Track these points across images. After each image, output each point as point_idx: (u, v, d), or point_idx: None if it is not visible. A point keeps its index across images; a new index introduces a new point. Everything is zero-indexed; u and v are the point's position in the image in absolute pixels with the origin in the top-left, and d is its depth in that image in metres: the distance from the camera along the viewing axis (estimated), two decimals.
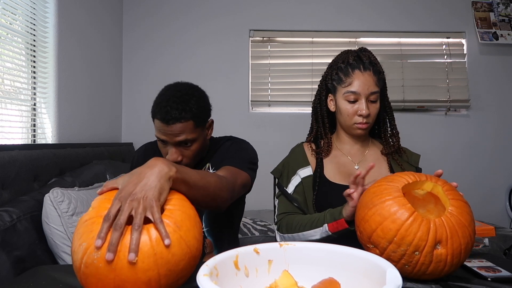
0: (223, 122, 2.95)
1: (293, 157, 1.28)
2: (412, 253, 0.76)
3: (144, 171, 0.73)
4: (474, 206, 3.08)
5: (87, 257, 0.65)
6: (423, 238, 0.75)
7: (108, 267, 0.63)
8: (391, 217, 0.79)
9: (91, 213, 0.72)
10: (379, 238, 0.79)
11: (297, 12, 2.98)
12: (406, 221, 0.77)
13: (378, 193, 0.84)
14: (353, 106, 1.17)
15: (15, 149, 1.47)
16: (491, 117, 2.98)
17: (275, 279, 0.71)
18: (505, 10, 3.04)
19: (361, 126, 1.17)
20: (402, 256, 0.76)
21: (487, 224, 2.24)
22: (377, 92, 1.18)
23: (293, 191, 1.22)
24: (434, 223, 0.77)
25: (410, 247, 0.75)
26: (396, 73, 2.93)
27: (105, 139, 2.54)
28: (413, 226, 0.76)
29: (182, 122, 1.08)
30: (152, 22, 2.96)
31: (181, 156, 1.13)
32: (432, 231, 0.76)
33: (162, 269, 0.66)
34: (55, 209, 1.37)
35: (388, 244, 0.78)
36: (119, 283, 0.64)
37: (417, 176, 0.87)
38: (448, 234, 0.76)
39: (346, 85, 1.18)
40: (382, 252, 0.79)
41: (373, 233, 0.80)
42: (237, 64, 2.96)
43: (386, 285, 0.55)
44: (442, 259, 0.76)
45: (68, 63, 2.05)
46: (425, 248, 0.75)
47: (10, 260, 1.19)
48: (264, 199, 2.67)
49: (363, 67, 1.18)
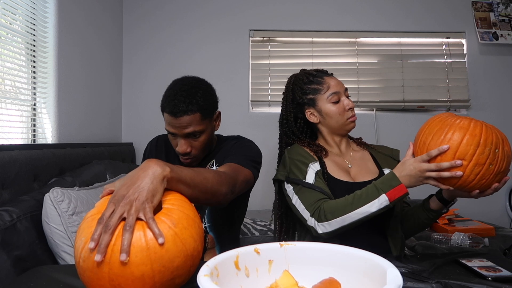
0: (223, 122, 2.93)
1: (296, 156, 1.24)
2: (495, 150, 0.93)
3: (137, 173, 0.74)
4: (474, 206, 3.08)
5: (85, 251, 0.67)
6: (498, 136, 0.94)
7: (102, 261, 0.65)
8: (470, 128, 0.94)
9: (94, 211, 0.74)
10: (468, 146, 0.93)
11: (297, 12, 2.98)
12: (482, 127, 0.94)
13: (443, 119, 1.00)
14: (339, 106, 1.27)
15: (15, 149, 1.47)
16: (491, 117, 2.97)
17: (276, 279, 0.71)
18: (505, 10, 3.04)
19: (353, 119, 1.28)
20: (488, 155, 0.92)
21: (487, 224, 2.24)
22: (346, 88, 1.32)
23: (314, 180, 1.16)
24: (492, 128, 0.97)
25: (493, 145, 0.92)
26: (396, 73, 2.93)
27: (105, 139, 2.54)
28: (488, 130, 0.94)
29: (189, 114, 1.12)
30: (152, 22, 2.96)
31: (190, 147, 1.17)
32: (494, 133, 0.95)
33: (155, 264, 0.66)
34: (55, 208, 1.37)
35: (476, 148, 0.92)
36: (113, 277, 0.66)
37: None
38: (500, 139, 0.95)
39: (325, 90, 1.28)
40: (471, 159, 0.92)
41: (459, 146, 0.93)
42: (237, 64, 2.96)
43: (387, 285, 0.55)
44: (507, 155, 0.95)
45: (68, 63, 2.05)
46: (500, 145, 0.94)
47: (10, 260, 1.19)
48: (264, 199, 2.67)
49: (326, 73, 1.34)
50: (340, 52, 3.00)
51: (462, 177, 0.94)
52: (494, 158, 0.92)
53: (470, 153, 0.93)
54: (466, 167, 0.93)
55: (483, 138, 0.93)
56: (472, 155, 0.92)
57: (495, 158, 0.92)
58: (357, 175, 1.26)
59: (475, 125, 0.95)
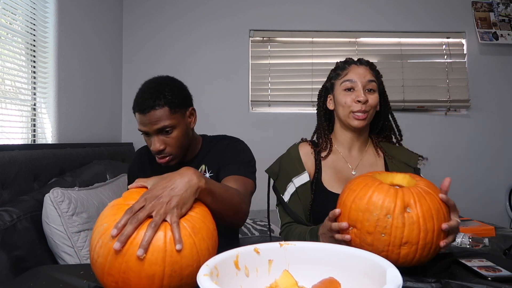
0: (223, 122, 2.96)
1: (288, 162, 1.24)
2: (385, 216, 0.78)
3: (174, 177, 0.77)
4: (474, 206, 3.08)
5: (104, 237, 0.68)
6: (391, 201, 0.79)
7: (119, 251, 0.66)
8: (360, 190, 0.83)
9: (120, 200, 0.76)
10: (354, 212, 0.82)
11: (297, 12, 2.98)
12: (375, 188, 0.82)
13: (353, 183, 0.90)
14: (350, 95, 1.17)
15: (15, 149, 1.47)
16: (491, 117, 2.98)
17: (276, 279, 0.71)
18: (505, 10, 3.04)
19: (357, 116, 1.16)
20: (377, 222, 0.78)
21: (487, 224, 2.24)
22: (373, 81, 1.18)
23: (289, 199, 1.20)
24: (400, 190, 0.82)
25: (381, 211, 0.78)
26: (396, 73, 2.93)
27: (105, 139, 2.54)
28: (381, 192, 0.81)
29: (157, 109, 1.12)
30: (152, 22, 2.96)
31: (164, 145, 1.15)
32: (399, 195, 0.80)
33: (168, 268, 0.67)
34: (55, 209, 1.37)
35: (362, 214, 0.80)
36: (125, 270, 0.66)
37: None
38: (415, 198, 0.80)
39: (343, 76, 1.20)
40: (360, 226, 0.81)
41: (349, 212, 0.83)
42: (237, 64, 2.96)
43: (387, 285, 0.55)
44: (414, 221, 0.78)
45: (68, 63, 2.05)
46: (395, 210, 0.78)
47: (10, 260, 1.19)
48: (264, 199, 2.67)
49: (359, 63, 1.22)
50: (340, 52, 3.00)
51: (357, 245, 0.82)
52: (385, 226, 0.78)
53: (358, 219, 0.81)
54: (357, 233, 0.82)
55: (370, 202, 0.80)
56: (359, 221, 0.81)
57: (386, 226, 0.77)
58: None
59: (374, 188, 0.82)
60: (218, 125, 2.85)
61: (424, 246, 0.78)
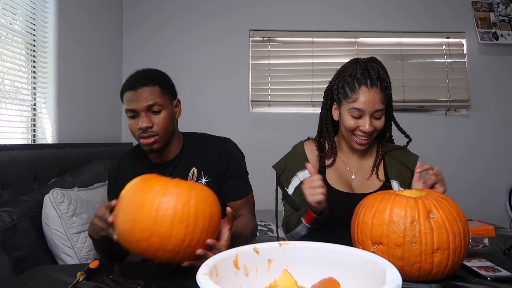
0: (223, 122, 2.96)
1: (293, 158, 1.30)
2: (411, 224, 0.77)
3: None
4: (474, 206, 3.08)
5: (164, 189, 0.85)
6: (414, 208, 0.78)
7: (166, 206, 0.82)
8: (379, 204, 0.82)
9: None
10: (377, 227, 0.80)
11: (297, 12, 2.98)
12: (393, 200, 0.81)
13: (368, 200, 0.90)
14: (356, 122, 1.17)
15: (15, 149, 1.47)
16: (491, 117, 2.98)
17: (275, 278, 0.71)
18: (505, 10, 3.04)
19: (360, 141, 1.18)
20: (405, 232, 0.76)
21: (487, 224, 2.24)
22: (382, 109, 1.17)
23: (293, 192, 1.26)
24: (419, 198, 0.82)
25: (407, 219, 0.77)
26: (396, 73, 2.93)
27: (105, 139, 2.54)
28: (401, 202, 0.80)
29: (149, 86, 1.16)
30: (152, 22, 2.96)
31: (152, 123, 1.16)
32: (419, 203, 0.80)
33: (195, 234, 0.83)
34: (55, 210, 1.37)
35: (387, 227, 0.78)
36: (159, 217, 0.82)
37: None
38: (435, 203, 0.80)
39: (352, 100, 1.16)
40: (387, 240, 0.78)
41: (371, 229, 0.81)
42: (237, 64, 2.96)
43: (386, 285, 0.55)
44: (441, 224, 0.77)
45: (68, 63, 2.05)
46: (420, 217, 0.77)
47: (10, 261, 1.18)
48: (264, 199, 2.67)
49: (370, 83, 1.15)
50: (340, 52, 3.00)
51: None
52: (414, 234, 0.76)
53: (384, 234, 0.78)
54: (384, 250, 0.79)
55: (393, 214, 0.78)
56: (385, 235, 0.78)
57: (415, 234, 0.76)
58: (359, 187, 1.25)
59: (392, 200, 0.80)
60: (218, 125, 2.85)
61: (455, 250, 0.78)
